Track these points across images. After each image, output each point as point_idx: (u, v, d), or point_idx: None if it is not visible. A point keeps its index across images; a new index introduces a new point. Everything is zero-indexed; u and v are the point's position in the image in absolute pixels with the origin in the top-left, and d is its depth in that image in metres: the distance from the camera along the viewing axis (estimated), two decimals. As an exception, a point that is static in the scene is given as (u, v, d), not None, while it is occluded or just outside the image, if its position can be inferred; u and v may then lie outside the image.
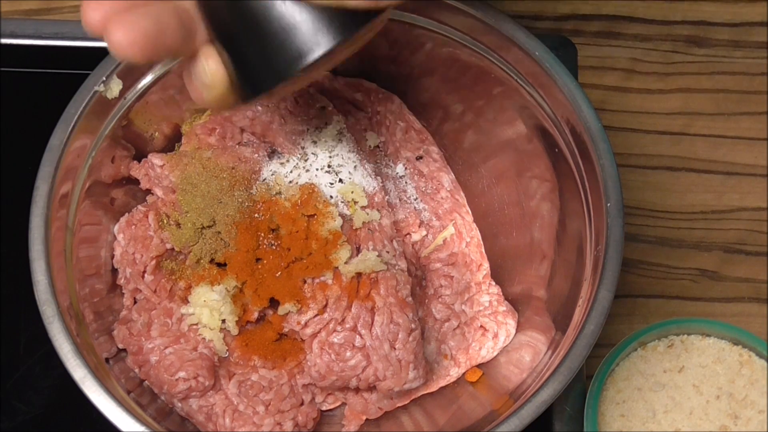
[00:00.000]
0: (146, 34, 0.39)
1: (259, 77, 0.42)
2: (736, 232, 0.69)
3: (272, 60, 0.42)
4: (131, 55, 0.40)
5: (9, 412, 0.60)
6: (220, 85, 0.43)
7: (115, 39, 0.39)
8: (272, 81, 0.42)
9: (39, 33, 0.67)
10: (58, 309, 0.48)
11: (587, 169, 0.53)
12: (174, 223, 0.56)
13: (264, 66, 0.42)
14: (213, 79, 0.43)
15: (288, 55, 0.41)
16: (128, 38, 0.39)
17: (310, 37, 0.41)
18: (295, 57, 0.41)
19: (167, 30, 0.40)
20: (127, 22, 0.39)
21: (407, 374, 0.53)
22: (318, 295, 0.53)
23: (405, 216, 0.60)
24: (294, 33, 0.41)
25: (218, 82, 0.43)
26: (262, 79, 0.42)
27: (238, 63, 0.42)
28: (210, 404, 0.55)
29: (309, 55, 0.41)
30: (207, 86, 0.43)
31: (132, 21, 0.39)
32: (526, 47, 0.53)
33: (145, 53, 0.40)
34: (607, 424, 0.60)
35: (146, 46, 0.40)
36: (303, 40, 0.41)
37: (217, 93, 0.44)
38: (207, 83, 0.43)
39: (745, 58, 0.74)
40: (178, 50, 0.42)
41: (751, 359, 0.62)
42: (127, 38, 0.39)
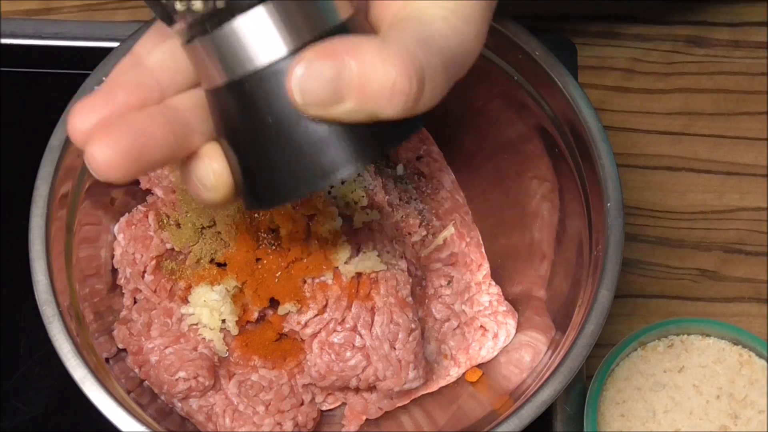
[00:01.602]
0: (127, 152, 0.35)
1: (269, 191, 0.38)
2: (736, 232, 0.69)
3: (288, 176, 0.37)
4: (111, 176, 0.36)
5: (9, 412, 0.60)
6: (224, 188, 0.39)
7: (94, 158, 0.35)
8: (284, 197, 0.38)
9: (39, 33, 0.67)
10: (58, 309, 0.48)
11: (587, 169, 0.53)
12: (174, 223, 0.56)
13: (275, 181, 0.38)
14: (217, 182, 0.39)
15: (308, 173, 0.37)
16: (106, 158, 0.35)
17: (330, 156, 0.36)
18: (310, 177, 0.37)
19: (153, 143, 0.36)
20: (106, 141, 0.35)
21: (407, 374, 0.53)
22: (318, 295, 0.53)
23: (405, 216, 0.60)
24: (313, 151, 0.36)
25: (222, 186, 0.39)
26: (269, 194, 0.38)
27: (248, 172, 0.38)
28: (210, 404, 0.55)
29: (332, 175, 0.37)
30: (210, 189, 0.39)
31: (112, 140, 0.35)
32: (526, 47, 0.53)
33: (126, 174, 0.36)
34: (607, 424, 0.60)
35: (128, 165, 0.36)
36: (321, 160, 0.36)
37: (220, 195, 0.39)
38: (209, 186, 0.39)
39: (745, 58, 0.74)
40: (167, 160, 0.38)
41: (751, 359, 0.62)
42: (106, 158, 0.35)
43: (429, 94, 0.37)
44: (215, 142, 0.39)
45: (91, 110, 0.37)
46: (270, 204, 0.39)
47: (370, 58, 0.35)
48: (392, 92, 0.36)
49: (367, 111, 0.36)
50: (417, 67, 0.36)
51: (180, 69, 0.40)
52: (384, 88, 0.35)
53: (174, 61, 0.40)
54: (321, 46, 0.35)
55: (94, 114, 0.37)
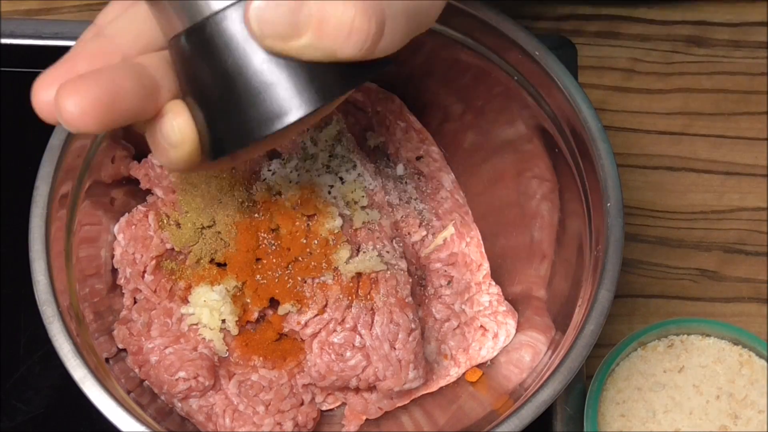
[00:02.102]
0: (100, 101, 0.35)
1: (226, 137, 0.39)
2: (736, 232, 0.69)
3: (243, 120, 0.38)
4: (84, 126, 0.36)
5: (9, 412, 0.60)
6: (190, 142, 0.39)
7: (65, 110, 0.35)
8: (238, 143, 0.39)
9: (39, 33, 0.67)
10: (58, 309, 0.48)
11: (587, 169, 0.53)
12: (174, 223, 0.56)
13: (234, 126, 0.38)
14: (182, 137, 0.39)
15: (261, 117, 0.38)
16: (79, 107, 0.35)
17: (287, 98, 0.37)
18: (268, 119, 0.37)
19: (124, 95, 0.36)
20: (76, 90, 0.35)
21: (407, 374, 0.53)
22: (318, 295, 0.53)
23: (405, 216, 0.60)
24: (271, 93, 0.37)
25: (187, 140, 0.39)
26: (228, 139, 0.39)
27: (210, 122, 0.39)
28: (210, 404, 0.55)
29: (283, 118, 0.37)
30: (174, 145, 0.39)
31: (83, 89, 0.35)
32: (526, 47, 0.53)
33: (100, 123, 0.36)
34: (607, 424, 0.60)
35: (100, 115, 0.35)
36: (279, 102, 0.37)
37: (185, 152, 0.39)
38: (175, 142, 0.39)
39: (745, 58, 0.74)
40: (140, 113, 0.38)
41: (751, 359, 0.62)
42: (78, 108, 0.35)
43: (388, 38, 0.37)
44: (179, 99, 0.40)
45: (53, 81, 0.37)
46: (230, 148, 0.39)
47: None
48: (351, 31, 0.36)
49: (324, 48, 0.36)
50: (377, 8, 0.36)
51: (141, 34, 0.40)
52: (343, 26, 0.36)
53: (135, 27, 0.40)
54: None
55: (58, 84, 0.36)
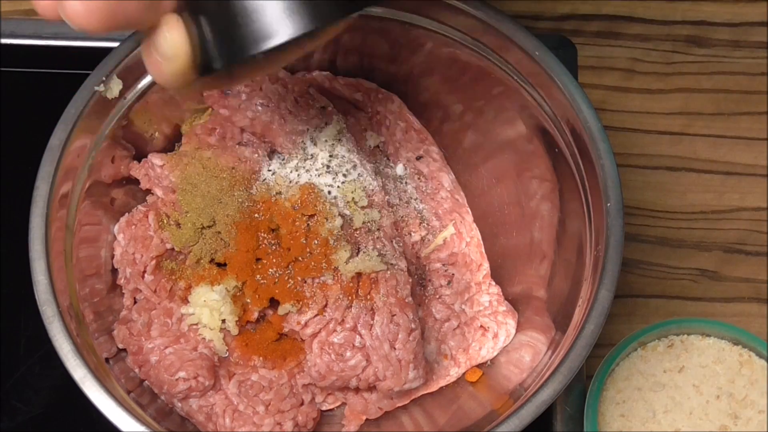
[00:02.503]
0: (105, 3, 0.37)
1: (217, 53, 0.40)
2: (736, 232, 0.69)
3: (234, 37, 0.39)
4: (88, 25, 0.37)
5: (9, 412, 0.60)
6: (182, 56, 0.40)
7: (71, 7, 0.37)
8: (227, 59, 0.40)
9: (39, 33, 0.67)
10: (58, 309, 0.48)
11: (587, 169, 0.53)
12: (174, 223, 0.56)
13: (226, 42, 0.40)
14: (175, 51, 0.40)
15: (250, 35, 0.39)
16: (85, 6, 0.37)
17: (276, 20, 0.39)
18: (256, 38, 0.39)
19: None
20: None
21: (407, 374, 0.53)
22: (318, 295, 0.53)
23: (405, 216, 0.60)
24: (261, 13, 0.39)
25: (180, 54, 0.40)
26: (219, 55, 0.40)
27: (203, 37, 0.40)
28: (210, 404, 0.55)
29: (273, 38, 0.39)
30: (167, 58, 0.40)
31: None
32: (526, 47, 0.53)
33: (104, 23, 0.37)
34: (607, 424, 0.60)
35: (105, 15, 0.37)
36: (268, 23, 0.39)
37: (177, 66, 0.40)
38: (168, 55, 0.40)
39: (745, 58, 0.74)
40: (140, 20, 0.39)
41: (751, 359, 0.62)
42: (85, 6, 0.37)
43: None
44: (175, 14, 0.40)
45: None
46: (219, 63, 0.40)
47: None
48: None
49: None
50: None
51: None
52: None
53: None
54: None
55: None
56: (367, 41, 0.59)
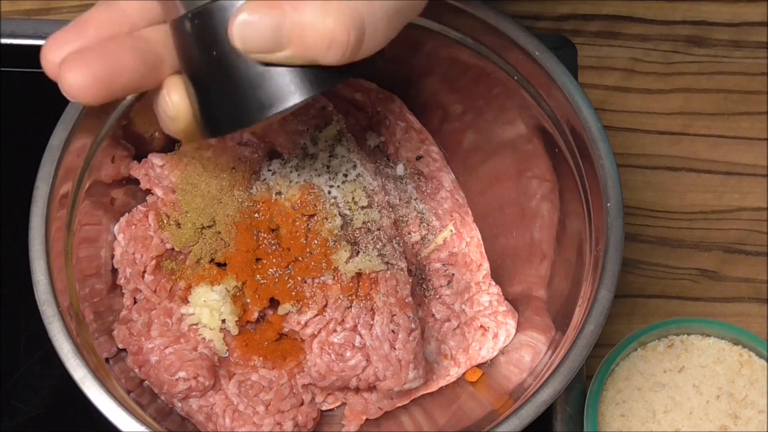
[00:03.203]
0: (99, 77, 0.38)
1: (219, 119, 0.41)
2: (736, 232, 0.69)
3: (234, 106, 0.40)
4: (82, 98, 0.38)
5: (9, 412, 0.60)
6: (184, 118, 0.42)
7: (67, 81, 0.38)
8: (230, 126, 0.41)
9: (39, 33, 0.67)
10: (58, 309, 0.48)
11: (587, 169, 0.53)
12: (174, 223, 0.56)
13: (226, 109, 0.41)
14: (176, 112, 0.42)
15: (251, 105, 0.40)
16: (79, 81, 0.38)
17: (276, 90, 0.40)
18: (258, 108, 0.40)
19: (124, 70, 0.39)
20: (78, 64, 0.38)
21: (407, 374, 0.53)
22: (318, 295, 0.53)
23: (405, 216, 0.60)
24: (261, 84, 0.40)
25: (181, 115, 0.42)
26: (221, 122, 0.41)
27: (204, 102, 0.41)
28: (210, 404, 0.55)
29: (271, 108, 0.40)
30: (171, 118, 0.42)
31: (84, 63, 0.38)
32: (526, 47, 0.53)
33: (98, 96, 0.39)
34: (607, 424, 0.60)
35: (99, 89, 0.38)
36: (268, 93, 0.40)
37: (182, 125, 0.43)
38: (170, 115, 0.42)
39: (745, 58, 0.74)
40: (138, 87, 0.40)
41: (751, 359, 0.62)
42: (78, 81, 0.38)
43: (369, 44, 0.39)
44: (177, 75, 0.42)
45: (63, 43, 0.39)
46: (217, 134, 0.42)
47: (310, 11, 0.37)
48: (330, 43, 0.38)
49: (306, 58, 0.38)
50: (356, 19, 0.38)
51: (151, 7, 0.42)
52: (322, 39, 0.37)
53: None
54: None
55: (66, 47, 0.39)
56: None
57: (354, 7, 0.38)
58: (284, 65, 0.39)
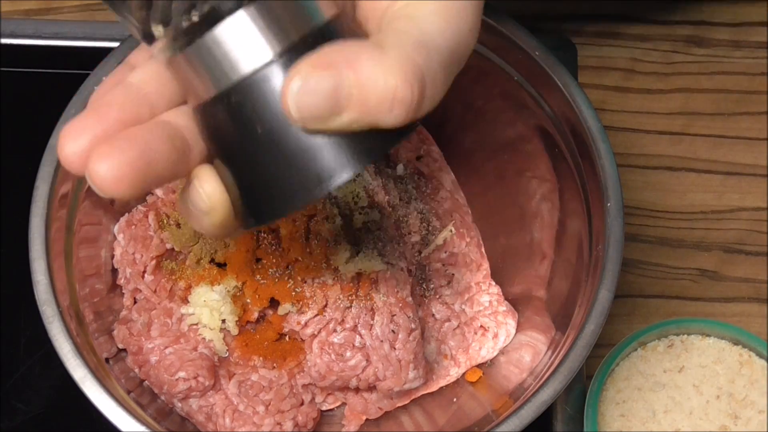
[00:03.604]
0: (134, 166, 0.34)
1: (268, 203, 0.36)
2: (736, 232, 0.69)
3: (285, 185, 0.35)
4: (118, 192, 0.34)
5: (9, 412, 0.60)
6: (221, 209, 0.37)
7: (99, 174, 0.33)
8: (285, 208, 0.36)
9: (39, 33, 0.67)
10: (58, 309, 0.48)
11: (587, 169, 0.53)
12: (174, 223, 0.56)
13: (275, 191, 0.36)
14: (212, 204, 0.37)
15: (304, 181, 0.35)
16: (114, 174, 0.33)
17: (331, 161, 0.35)
18: (313, 183, 0.35)
19: (159, 158, 0.35)
20: (111, 153, 0.33)
21: (407, 374, 0.53)
22: (318, 295, 0.53)
23: (405, 216, 0.60)
24: (311, 158, 0.35)
25: (218, 206, 0.37)
26: (270, 207, 0.36)
27: (243, 189, 0.36)
28: (210, 404, 0.55)
29: (329, 182, 0.35)
30: (205, 212, 0.37)
31: (117, 152, 0.34)
32: (526, 47, 0.53)
33: (135, 188, 0.34)
34: (607, 424, 0.60)
35: (136, 180, 0.34)
36: (323, 166, 0.35)
37: (219, 218, 0.37)
38: (204, 209, 0.37)
39: (745, 58, 0.74)
40: (170, 177, 0.36)
41: (751, 359, 0.62)
42: (113, 174, 0.33)
43: (430, 98, 0.36)
44: (206, 164, 0.37)
45: (83, 130, 0.35)
46: (268, 219, 0.37)
47: (369, 69, 0.34)
48: (393, 102, 0.34)
49: (366, 122, 0.35)
50: (417, 73, 0.35)
51: (166, 83, 0.38)
52: (385, 100, 0.34)
53: (159, 76, 0.38)
54: (316, 56, 0.34)
55: (87, 134, 0.34)
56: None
57: (413, 60, 0.34)
58: (341, 132, 0.35)
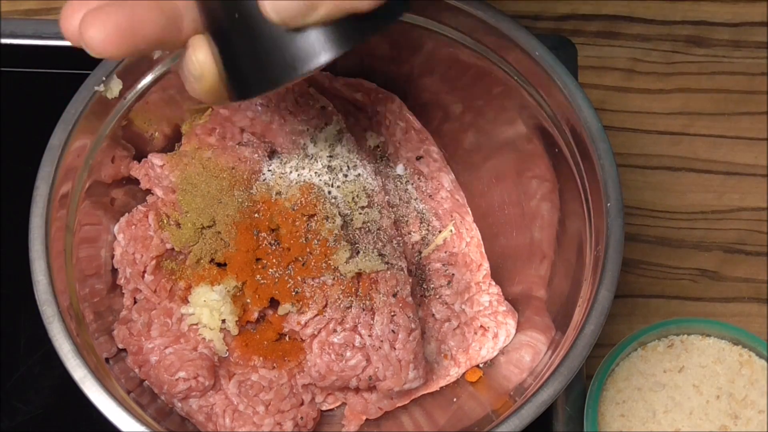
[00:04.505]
0: (120, 27, 0.38)
1: (250, 80, 0.40)
2: (736, 232, 0.69)
3: (267, 65, 0.39)
4: (106, 51, 0.38)
5: (9, 412, 0.60)
6: (210, 76, 0.41)
7: (89, 36, 0.38)
8: (264, 86, 0.40)
9: (39, 33, 0.67)
10: (58, 309, 0.48)
11: (587, 169, 0.53)
12: (174, 223, 0.56)
13: (257, 70, 0.40)
14: (202, 71, 0.41)
15: (280, 65, 0.39)
16: (101, 34, 0.38)
17: (306, 48, 0.38)
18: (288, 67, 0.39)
19: (144, 22, 0.38)
20: (99, 17, 0.38)
21: (407, 374, 0.53)
22: (318, 296, 0.53)
23: (405, 216, 0.60)
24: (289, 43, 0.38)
25: (207, 74, 0.41)
26: (253, 82, 0.40)
27: (231, 62, 0.40)
28: (210, 404, 0.55)
29: (308, 63, 0.38)
30: (197, 78, 0.42)
31: (104, 16, 0.38)
32: (526, 47, 0.53)
33: (121, 48, 0.38)
34: (607, 424, 0.60)
35: (121, 40, 0.38)
36: (298, 52, 0.38)
37: (208, 85, 0.42)
38: (196, 75, 0.41)
39: (745, 58, 0.74)
40: (160, 42, 0.40)
41: (751, 359, 0.62)
42: (100, 34, 0.38)
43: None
44: (200, 35, 0.41)
45: (79, 7, 0.39)
46: (242, 95, 0.41)
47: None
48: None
49: (343, 10, 0.37)
50: None
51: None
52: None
53: None
54: None
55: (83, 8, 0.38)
56: (367, 41, 0.58)
57: None
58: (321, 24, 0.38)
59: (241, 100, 0.42)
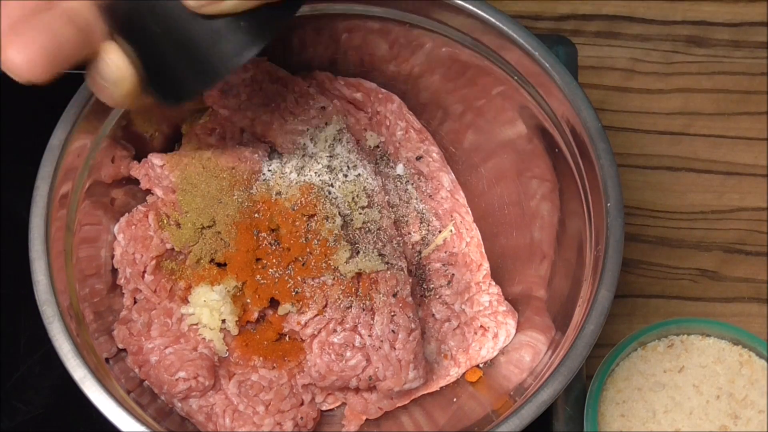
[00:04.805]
0: (44, 49, 0.36)
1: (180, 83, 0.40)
2: (736, 232, 0.69)
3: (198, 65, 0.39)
4: (32, 75, 0.37)
5: (9, 412, 0.60)
6: (129, 78, 0.41)
7: (11, 60, 0.36)
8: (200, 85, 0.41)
9: (39, 33, 0.67)
10: (58, 309, 0.48)
11: (587, 169, 0.53)
12: (174, 223, 0.56)
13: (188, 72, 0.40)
14: (120, 74, 0.41)
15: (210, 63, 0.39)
16: (25, 57, 0.36)
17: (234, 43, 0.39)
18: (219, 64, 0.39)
19: (66, 40, 0.37)
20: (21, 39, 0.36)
21: (407, 374, 0.53)
22: (318, 296, 0.53)
23: (405, 216, 0.60)
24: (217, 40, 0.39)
25: (126, 76, 0.41)
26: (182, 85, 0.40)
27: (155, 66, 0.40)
28: (210, 404, 0.55)
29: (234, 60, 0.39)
30: (114, 82, 0.41)
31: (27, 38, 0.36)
32: (526, 47, 0.53)
33: (47, 70, 0.37)
34: (607, 424, 0.60)
35: (47, 63, 0.37)
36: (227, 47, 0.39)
37: (126, 89, 0.41)
38: (113, 80, 0.41)
39: (745, 58, 0.74)
40: (79, 55, 0.39)
41: (751, 359, 0.62)
42: (24, 58, 0.36)
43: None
44: (110, 41, 0.40)
45: None
46: (180, 100, 0.41)
47: None
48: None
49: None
50: None
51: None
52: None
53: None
54: None
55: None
56: (367, 41, 0.59)
57: None
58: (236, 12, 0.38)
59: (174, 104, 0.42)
